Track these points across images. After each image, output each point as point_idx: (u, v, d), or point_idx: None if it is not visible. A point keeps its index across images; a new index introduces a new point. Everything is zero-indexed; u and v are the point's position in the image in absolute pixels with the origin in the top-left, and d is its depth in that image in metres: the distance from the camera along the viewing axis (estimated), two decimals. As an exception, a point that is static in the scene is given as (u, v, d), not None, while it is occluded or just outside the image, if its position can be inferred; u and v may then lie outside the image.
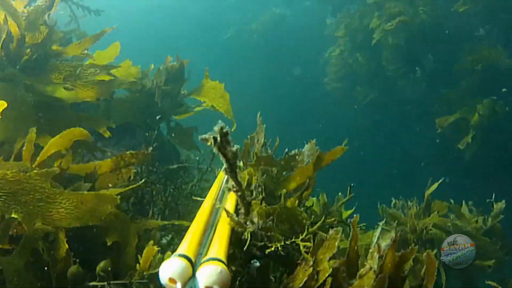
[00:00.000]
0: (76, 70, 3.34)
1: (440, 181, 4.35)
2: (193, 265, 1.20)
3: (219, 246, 1.32)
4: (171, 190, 3.43)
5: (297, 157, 2.08)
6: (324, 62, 13.11)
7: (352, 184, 2.31)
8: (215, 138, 1.26)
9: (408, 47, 8.93)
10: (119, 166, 2.49)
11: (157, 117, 4.30)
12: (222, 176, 2.01)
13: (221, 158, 1.34)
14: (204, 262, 1.21)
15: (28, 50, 3.24)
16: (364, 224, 4.71)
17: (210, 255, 1.25)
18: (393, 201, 4.67)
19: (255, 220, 1.60)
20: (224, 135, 1.26)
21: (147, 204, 3.43)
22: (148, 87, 4.20)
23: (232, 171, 1.40)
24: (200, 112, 4.77)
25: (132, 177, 3.49)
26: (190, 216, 3.43)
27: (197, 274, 1.16)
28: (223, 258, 1.23)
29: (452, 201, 4.65)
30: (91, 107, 4.36)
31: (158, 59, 4.73)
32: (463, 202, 4.62)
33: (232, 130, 4.24)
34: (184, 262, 1.17)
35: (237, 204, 1.67)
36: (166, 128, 4.66)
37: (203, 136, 1.29)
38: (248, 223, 1.59)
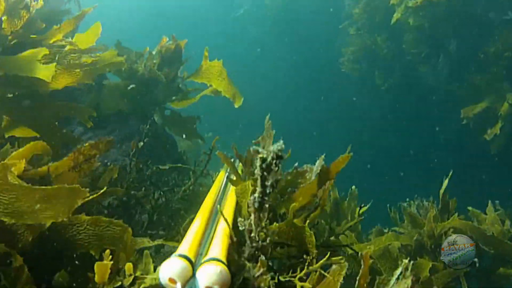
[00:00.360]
0: (55, 56, 3.05)
1: (449, 175, 3.95)
2: (193, 265, 1.21)
3: (219, 246, 1.32)
4: (162, 192, 3.14)
5: (306, 174, 1.86)
6: (340, 40, 12.50)
7: (362, 205, 2.08)
8: (264, 159, 1.20)
9: (432, 29, 8.37)
10: (79, 162, 2.20)
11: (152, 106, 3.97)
12: (222, 176, 2.05)
13: (258, 183, 1.26)
14: (204, 262, 1.21)
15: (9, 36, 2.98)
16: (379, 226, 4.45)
17: (210, 255, 1.26)
18: (408, 201, 4.33)
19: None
20: (277, 157, 1.20)
21: (133, 207, 3.16)
22: (141, 73, 3.88)
23: (260, 204, 1.31)
24: (205, 100, 4.43)
25: (116, 175, 3.24)
26: (181, 222, 3.16)
27: (197, 274, 1.17)
28: (223, 258, 1.24)
29: (474, 200, 4.32)
30: (80, 95, 4.10)
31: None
32: (489, 202, 4.25)
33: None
34: (184, 262, 1.18)
35: (236, 205, 1.67)
36: (161, 117, 4.35)
37: (256, 148, 1.25)
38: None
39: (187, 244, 1.30)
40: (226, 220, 1.50)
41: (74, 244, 2.09)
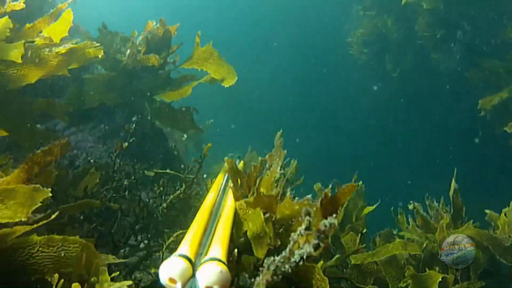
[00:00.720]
0: (27, 52, 2.77)
1: (455, 171, 3.62)
2: (193, 265, 1.21)
3: (219, 246, 1.32)
4: (147, 200, 2.87)
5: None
6: (349, 23, 12.02)
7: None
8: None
9: (447, 11, 7.91)
10: (34, 173, 1.93)
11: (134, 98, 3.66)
12: (222, 175, 2.06)
13: (299, 243, 1.20)
14: (204, 262, 1.22)
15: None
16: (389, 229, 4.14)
17: (210, 255, 1.26)
18: (411, 203, 4.01)
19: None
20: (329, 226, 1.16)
21: (113, 216, 2.89)
22: (124, 62, 3.57)
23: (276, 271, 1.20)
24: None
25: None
26: (167, 234, 2.90)
27: (197, 274, 1.18)
28: (223, 258, 1.24)
29: (490, 199, 3.98)
30: (59, 89, 3.84)
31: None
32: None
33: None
34: (184, 262, 1.18)
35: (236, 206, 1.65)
36: (149, 110, 4.06)
37: (306, 211, 1.24)
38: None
39: (187, 244, 1.31)
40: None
41: (27, 269, 1.84)
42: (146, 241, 2.81)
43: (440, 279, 3.09)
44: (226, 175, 2.19)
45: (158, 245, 2.73)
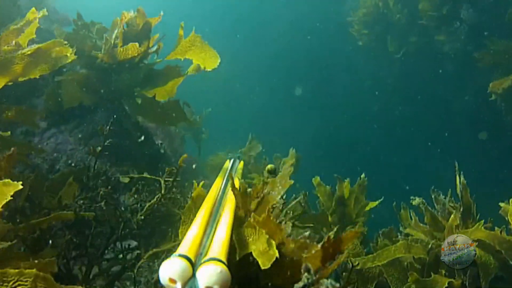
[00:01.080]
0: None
1: (456, 165, 3.34)
2: (193, 265, 1.21)
3: (219, 246, 1.33)
4: (123, 209, 2.67)
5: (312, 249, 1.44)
6: (350, 2, 11.61)
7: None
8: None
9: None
10: None
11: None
12: (223, 174, 2.03)
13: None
14: (204, 262, 1.22)
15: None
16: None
17: (210, 255, 1.27)
18: (413, 199, 3.76)
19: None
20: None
21: (89, 225, 2.69)
22: (100, 59, 3.33)
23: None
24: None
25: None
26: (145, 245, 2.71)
27: (197, 274, 1.18)
28: (223, 258, 1.25)
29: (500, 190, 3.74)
30: (32, 91, 3.65)
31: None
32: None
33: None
34: (184, 262, 1.19)
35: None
36: (131, 107, 3.83)
37: (306, 267, 1.21)
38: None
39: (187, 244, 1.31)
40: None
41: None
42: (121, 254, 2.61)
43: (446, 285, 2.91)
44: (226, 174, 2.15)
45: (134, 258, 2.54)
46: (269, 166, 2.10)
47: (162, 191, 2.55)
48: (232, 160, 2.47)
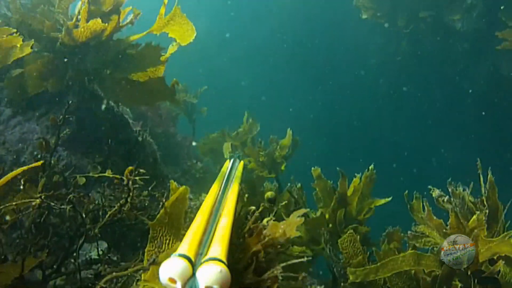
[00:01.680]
0: None
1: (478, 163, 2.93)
2: (193, 264, 1.21)
3: (219, 245, 1.31)
4: (83, 216, 2.29)
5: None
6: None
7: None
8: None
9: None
10: None
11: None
12: (223, 173, 2.07)
13: None
14: (204, 261, 1.21)
15: None
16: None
17: (210, 254, 1.25)
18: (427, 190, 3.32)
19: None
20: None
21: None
22: (61, 40, 2.92)
23: None
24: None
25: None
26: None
27: (197, 273, 1.17)
28: (223, 258, 1.23)
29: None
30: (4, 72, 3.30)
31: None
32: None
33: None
34: (184, 262, 1.19)
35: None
36: (102, 90, 3.42)
37: None
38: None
39: (187, 244, 1.28)
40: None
41: None
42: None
43: (460, 302, 2.54)
44: (226, 174, 2.13)
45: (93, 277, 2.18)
46: (268, 194, 2.08)
47: (129, 197, 2.18)
48: (232, 161, 2.40)
